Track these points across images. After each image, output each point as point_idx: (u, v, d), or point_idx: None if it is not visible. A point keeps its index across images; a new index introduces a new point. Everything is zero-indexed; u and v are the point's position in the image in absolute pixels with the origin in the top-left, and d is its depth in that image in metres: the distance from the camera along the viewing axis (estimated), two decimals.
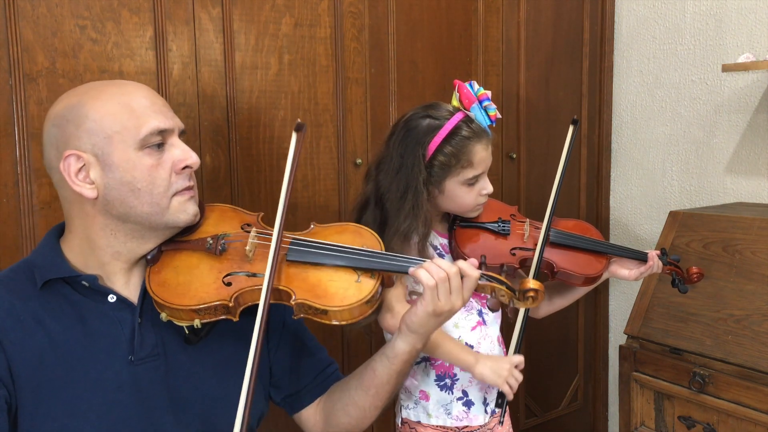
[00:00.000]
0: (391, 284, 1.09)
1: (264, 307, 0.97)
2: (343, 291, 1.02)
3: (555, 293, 1.62)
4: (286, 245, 1.05)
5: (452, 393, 1.45)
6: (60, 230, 1.06)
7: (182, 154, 1.01)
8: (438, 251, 1.44)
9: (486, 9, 2.15)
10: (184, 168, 1.02)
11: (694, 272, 1.56)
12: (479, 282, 1.06)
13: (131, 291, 1.04)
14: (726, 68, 1.91)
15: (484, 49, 2.16)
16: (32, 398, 0.94)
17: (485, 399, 1.47)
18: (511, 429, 1.56)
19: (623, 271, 1.53)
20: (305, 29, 1.77)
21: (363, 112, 1.90)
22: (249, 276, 1.02)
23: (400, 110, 1.91)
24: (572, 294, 1.61)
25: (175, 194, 1.01)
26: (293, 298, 1.01)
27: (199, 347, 1.06)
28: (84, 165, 0.97)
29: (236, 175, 1.70)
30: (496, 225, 1.46)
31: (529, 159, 2.33)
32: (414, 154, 1.35)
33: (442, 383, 1.44)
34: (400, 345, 1.08)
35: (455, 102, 1.40)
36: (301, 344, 1.22)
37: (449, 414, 1.44)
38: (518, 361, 1.39)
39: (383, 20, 1.92)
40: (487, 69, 2.18)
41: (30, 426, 0.93)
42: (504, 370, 1.35)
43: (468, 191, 1.39)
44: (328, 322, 1.02)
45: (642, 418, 1.82)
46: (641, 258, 1.52)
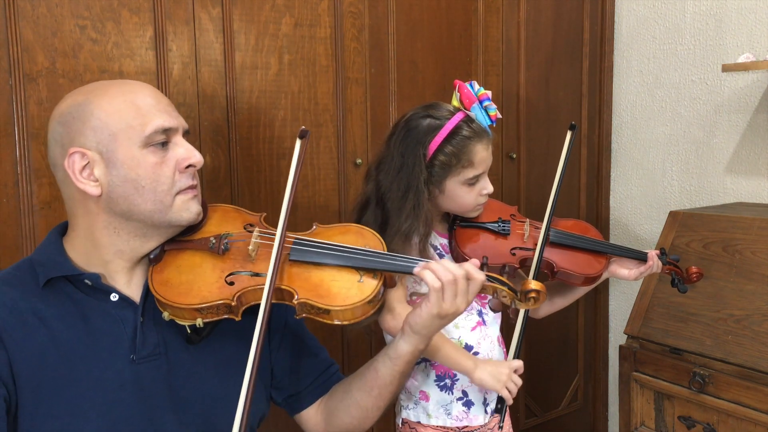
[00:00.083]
0: (393, 285, 1.09)
1: (266, 307, 0.97)
2: (346, 291, 1.02)
3: (555, 293, 1.62)
4: (289, 245, 1.06)
5: (452, 393, 1.45)
6: (63, 229, 1.06)
7: (186, 153, 1.02)
8: (438, 251, 1.44)
9: (486, 9, 2.15)
10: (188, 167, 1.02)
11: (694, 272, 1.56)
12: None
13: (133, 290, 1.04)
14: (726, 68, 1.91)
15: (484, 49, 2.16)
16: (33, 397, 0.94)
17: (485, 399, 1.47)
18: (511, 429, 1.56)
19: (623, 271, 1.53)
20: (305, 29, 1.77)
21: (363, 112, 1.90)
22: (252, 275, 1.02)
23: (400, 110, 1.91)
24: (572, 294, 1.61)
25: (179, 193, 1.01)
26: (296, 298, 1.01)
27: (201, 347, 1.06)
28: (88, 162, 0.97)
29: (236, 175, 1.69)
30: (496, 225, 1.46)
31: (529, 159, 2.33)
32: (415, 154, 1.35)
33: (442, 384, 1.44)
34: (403, 346, 1.08)
35: (455, 102, 1.40)
36: (303, 344, 1.22)
37: (449, 414, 1.44)
38: (517, 366, 1.38)
39: (383, 20, 1.92)
40: (487, 69, 2.18)
41: (31, 424, 0.93)
42: (503, 375, 1.35)
43: (468, 191, 1.39)
44: (330, 322, 1.02)
45: (642, 418, 1.82)
46: (641, 258, 1.52)
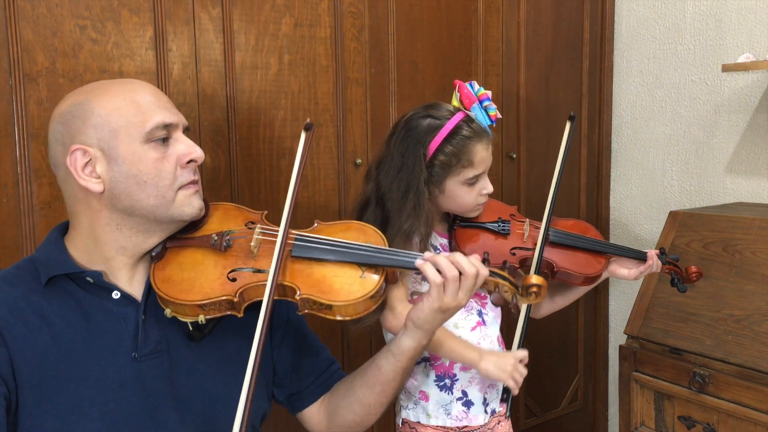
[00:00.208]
0: (395, 280, 1.09)
1: (268, 302, 0.97)
2: (348, 286, 1.03)
3: (555, 293, 1.62)
4: (291, 241, 1.06)
5: (452, 393, 1.44)
6: (64, 228, 1.07)
7: (187, 149, 1.03)
8: (438, 251, 1.44)
9: (486, 9, 2.15)
10: (189, 162, 1.03)
11: (693, 272, 1.56)
12: None
13: (135, 288, 1.04)
14: (726, 68, 1.91)
15: (484, 49, 2.16)
16: (34, 395, 0.94)
17: (485, 399, 1.47)
18: (511, 429, 1.56)
19: (622, 271, 1.53)
20: (305, 29, 1.77)
21: (363, 112, 1.90)
22: (254, 272, 1.03)
23: (400, 110, 1.91)
24: (572, 293, 1.61)
25: (181, 188, 1.02)
26: (298, 294, 1.01)
27: (203, 344, 1.06)
28: (90, 159, 0.98)
29: (236, 175, 1.70)
30: (496, 225, 1.46)
31: (529, 159, 2.33)
32: (415, 154, 1.35)
33: (442, 383, 1.44)
34: (406, 341, 1.09)
35: (455, 102, 1.40)
36: (305, 342, 1.22)
37: (449, 414, 1.44)
38: (522, 356, 1.39)
39: (383, 20, 1.92)
40: (487, 69, 2.18)
41: (33, 422, 0.93)
42: (508, 366, 1.36)
43: (468, 191, 1.39)
44: (332, 318, 1.03)
45: (642, 418, 1.82)
46: (640, 257, 1.52)
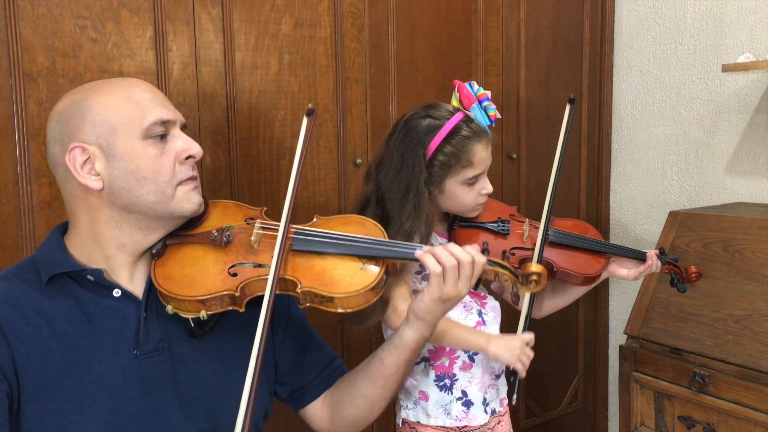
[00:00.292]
0: (395, 272, 1.09)
1: (270, 294, 0.97)
2: (349, 278, 1.03)
3: (555, 293, 1.62)
4: (291, 235, 1.06)
5: (451, 393, 1.45)
6: (63, 228, 1.07)
7: (185, 144, 1.03)
8: None
9: (486, 9, 2.15)
10: (188, 158, 1.03)
11: (693, 272, 1.56)
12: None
13: (136, 286, 1.05)
14: (726, 68, 1.91)
15: (484, 49, 2.16)
16: (37, 393, 0.94)
17: (485, 399, 1.47)
18: (511, 429, 1.56)
19: (622, 271, 1.52)
20: (305, 29, 1.77)
21: (363, 112, 1.90)
22: (255, 267, 1.03)
23: (400, 110, 1.91)
24: (572, 293, 1.61)
25: (180, 184, 1.02)
26: (299, 287, 1.01)
27: (205, 341, 1.07)
28: (89, 157, 0.98)
29: (236, 175, 1.70)
30: (496, 225, 1.46)
31: (529, 159, 2.33)
32: (415, 154, 1.35)
33: (442, 383, 1.44)
34: (408, 333, 1.09)
35: (455, 102, 1.40)
36: (307, 338, 1.22)
37: (449, 414, 1.44)
38: (529, 339, 1.40)
39: (383, 20, 1.92)
40: (487, 69, 2.18)
41: (35, 421, 0.94)
42: (516, 349, 1.36)
43: (468, 191, 1.39)
44: (334, 310, 1.03)
45: (642, 418, 1.82)
46: (640, 257, 1.52)
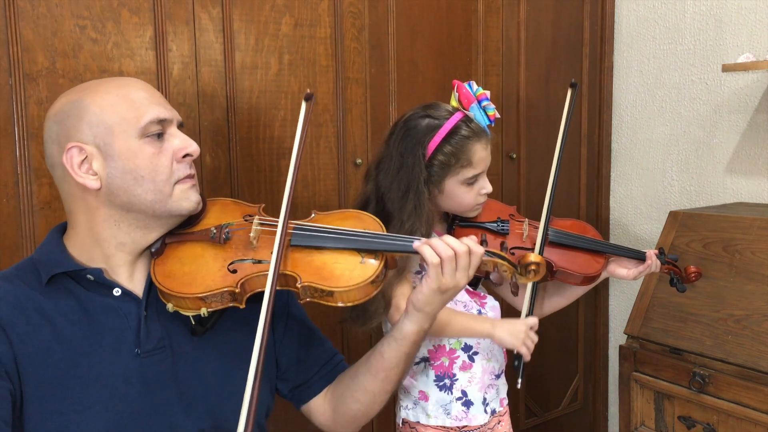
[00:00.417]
0: (395, 265, 1.09)
1: (271, 290, 0.97)
2: (349, 272, 1.03)
3: (554, 293, 1.62)
4: (290, 230, 1.06)
5: (451, 393, 1.45)
6: (62, 228, 1.07)
7: (182, 143, 1.03)
8: None
9: (486, 9, 2.15)
10: (185, 156, 1.03)
11: (692, 271, 1.56)
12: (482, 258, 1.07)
13: (136, 284, 1.05)
14: (726, 68, 1.91)
15: (484, 49, 2.16)
16: (38, 393, 0.94)
17: (484, 399, 1.47)
18: (511, 429, 1.56)
19: (621, 271, 1.52)
20: (305, 29, 1.77)
21: (363, 112, 1.90)
22: (254, 263, 1.03)
23: (400, 110, 1.91)
24: (571, 293, 1.61)
25: (177, 182, 1.03)
26: (299, 282, 1.02)
27: (206, 338, 1.07)
28: (86, 157, 0.98)
29: (236, 175, 1.70)
30: (495, 225, 1.46)
31: (529, 159, 2.32)
32: (414, 154, 1.36)
33: (441, 383, 1.45)
34: (408, 325, 1.09)
35: (454, 102, 1.40)
36: (307, 334, 1.23)
37: (448, 414, 1.45)
38: (533, 323, 1.40)
39: (383, 20, 1.92)
40: (487, 69, 2.18)
41: (37, 420, 0.94)
42: (521, 333, 1.37)
43: (467, 191, 1.39)
44: (334, 304, 1.03)
45: (642, 418, 1.82)
46: (639, 257, 1.52)
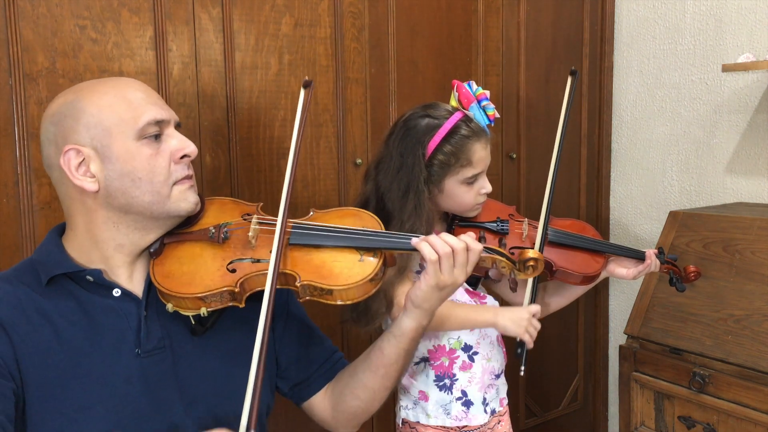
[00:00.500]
0: (393, 263, 1.10)
1: (271, 289, 0.97)
2: (348, 270, 1.03)
3: (554, 292, 1.62)
4: (289, 229, 1.06)
5: (451, 393, 1.45)
6: (61, 229, 1.07)
7: (180, 144, 1.03)
8: None
9: (486, 9, 2.15)
10: (183, 157, 1.03)
11: (692, 271, 1.56)
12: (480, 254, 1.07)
13: (135, 285, 1.05)
14: (726, 68, 1.91)
15: (484, 49, 2.16)
16: (40, 393, 0.94)
17: (484, 399, 1.47)
18: (511, 429, 1.56)
19: (621, 270, 1.52)
20: (305, 29, 1.77)
21: (363, 112, 1.90)
22: (253, 262, 1.03)
23: (400, 110, 1.91)
24: (571, 293, 1.61)
25: (175, 183, 1.03)
26: (298, 281, 1.02)
27: (206, 338, 1.07)
28: (84, 159, 0.98)
29: (236, 175, 1.70)
30: (495, 224, 1.46)
31: (529, 159, 2.32)
32: (414, 154, 1.36)
33: (441, 383, 1.45)
34: (407, 322, 1.09)
35: (454, 102, 1.40)
36: (307, 332, 1.23)
37: (448, 414, 1.45)
38: (536, 311, 1.41)
39: (383, 20, 1.92)
40: (487, 69, 2.18)
41: (39, 420, 0.94)
42: (524, 320, 1.38)
43: (467, 190, 1.39)
44: (333, 303, 1.04)
45: (642, 418, 1.82)
46: (639, 257, 1.52)
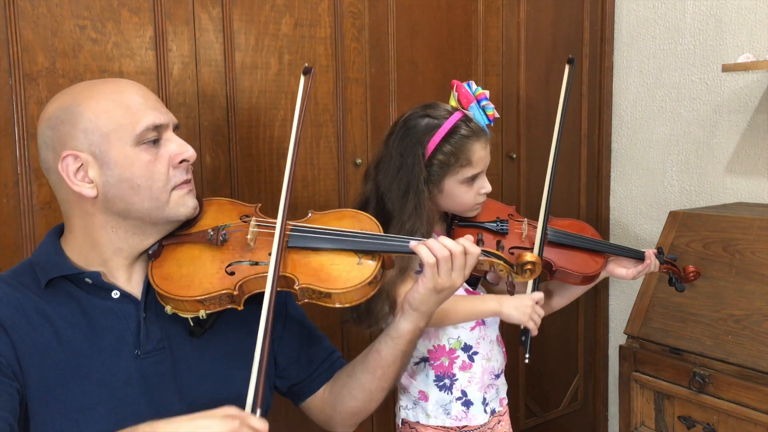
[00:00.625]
0: (392, 265, 1.10)
1: (272, 292, 0.97)
2: (346, 273, 1.03)
3: (554, 293, 1.62)
4: (287, 232, 1.06)
5: (451, 393, 1.45)
6: (59, 231, 1.07)
7: (178, 148, 1.02)
8: None
9: (486, 9, 2.15)
10: (181, 162, 1.03)
11: (691, 271, 1.56)
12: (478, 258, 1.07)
13: (134, 286, 1.05)
14: (726, 68, 1.91)
15: (484, 49, 2.16)
16: (41, 394, 0.94)
17: (484, 399, 1.47)
18: (511, 429, 1.56)
19: (621, 270, 1.52)
20: (305, 29, 1.77)
21: (363, 112, 1.90)
22: (252, 264, 1.03)
23: (400, 110, 1.91)
24: (570, 293, 1.61)
25: (174, 188, 1.02)
26: (297, 284, 1.02)
27: (205, 339, 1.07)
28: (82, 165, 0.97)
29: (236, 175, 1.70)
30: (494, 224, 1.46)
31: (529, 159, 2.32)
32: (414, 154, 1.36)
33: (441, 383, 1.45)
34: (404, 324, 1.09)
35: (453, 102, 1.40)
36: (306, 332, 1.23)
37: (448, 414, 1.45)
38: (539, 298, 1.41)
39: (383, 20, 1.92)
40: (487, 69, 2.18)
41: (41, 421, 0.94)
42: (527, 307, 1.38)
43: (467, 190, 1.39)
44: (332, 305, 1.04)
45: (642, 418, 1.82)
46: (638, 257, 1.52)
